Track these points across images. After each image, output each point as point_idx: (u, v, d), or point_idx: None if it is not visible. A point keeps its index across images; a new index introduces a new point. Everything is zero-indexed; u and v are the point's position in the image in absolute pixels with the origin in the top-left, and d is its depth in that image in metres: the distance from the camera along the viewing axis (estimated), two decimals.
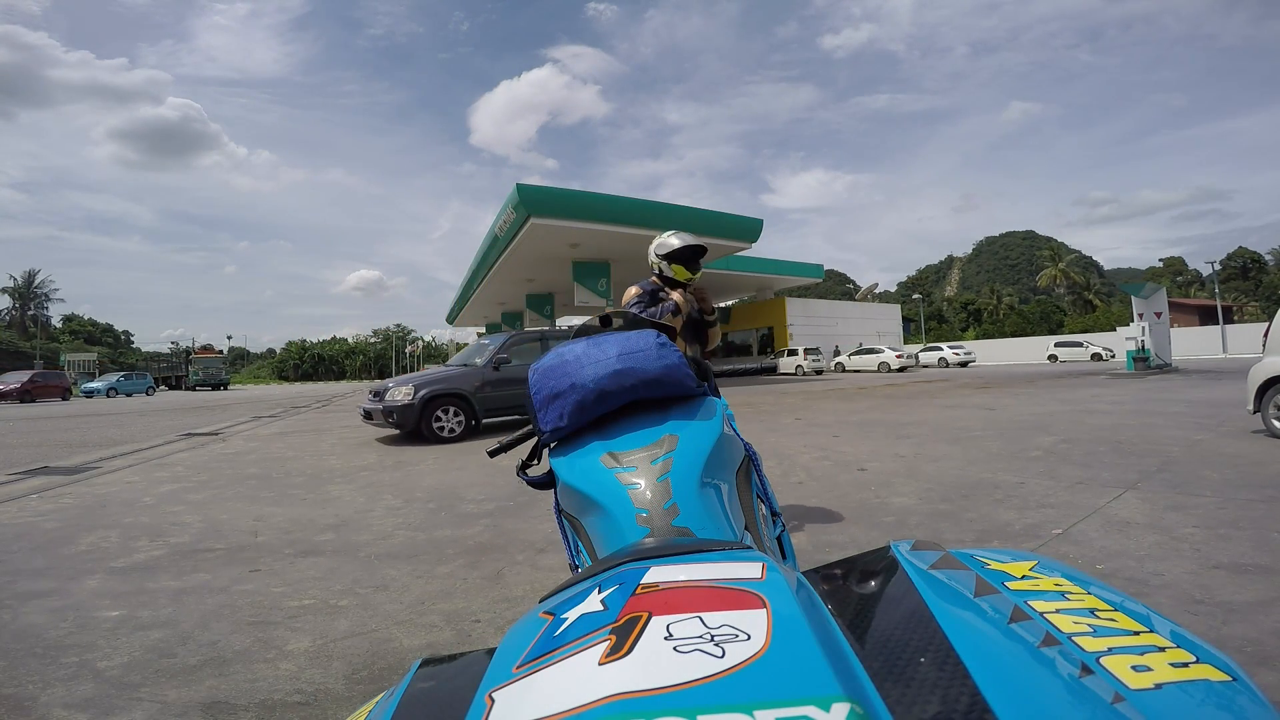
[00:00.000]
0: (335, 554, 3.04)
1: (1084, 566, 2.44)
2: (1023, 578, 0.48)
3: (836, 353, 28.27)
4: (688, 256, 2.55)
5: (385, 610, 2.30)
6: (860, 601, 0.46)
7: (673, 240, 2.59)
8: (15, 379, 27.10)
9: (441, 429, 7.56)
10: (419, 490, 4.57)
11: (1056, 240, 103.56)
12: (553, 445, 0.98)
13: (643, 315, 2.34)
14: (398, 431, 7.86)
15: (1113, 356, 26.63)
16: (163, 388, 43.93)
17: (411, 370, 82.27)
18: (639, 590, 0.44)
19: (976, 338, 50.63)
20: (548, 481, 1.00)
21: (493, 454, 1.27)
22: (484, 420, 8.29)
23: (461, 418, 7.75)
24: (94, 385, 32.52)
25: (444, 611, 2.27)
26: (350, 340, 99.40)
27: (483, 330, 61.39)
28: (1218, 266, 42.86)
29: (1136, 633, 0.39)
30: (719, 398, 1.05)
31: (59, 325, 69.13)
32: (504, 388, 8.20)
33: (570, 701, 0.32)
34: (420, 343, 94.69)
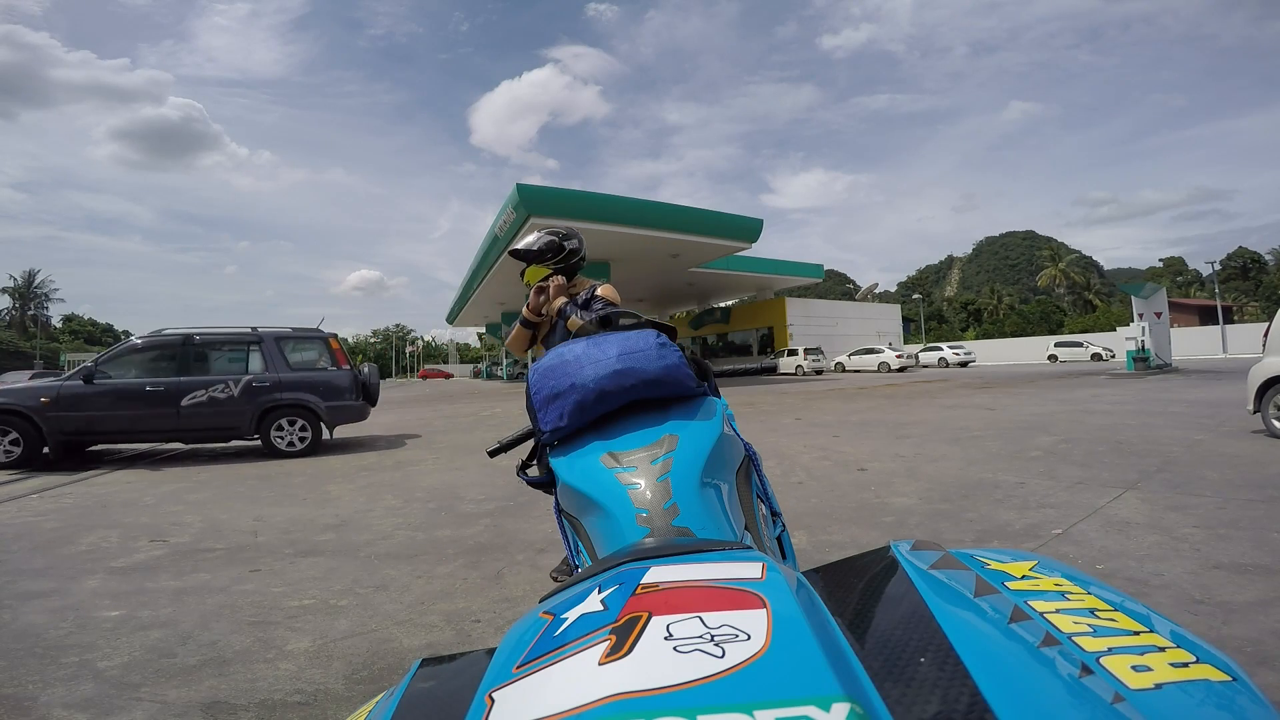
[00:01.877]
0: (335, 554, 3.04)
1: (1084, 566, 2.44)
2: (1023, 578, 0.48)
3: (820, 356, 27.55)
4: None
5: (385, 610, 2.30)
6: (860, 601, 0.46)
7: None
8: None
9: None
10: (419, 490, 4.57)
11: (1056, 240, 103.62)
12: (553, 445, 0.98)
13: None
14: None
15: (1113, 356, 26.62)
16: None
17: (411, 371, 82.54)
18: (639, 590, 0.44)
19: (976, 338, 50.66)
20: (548, 481, 1.00)
21: (493, 454, 1.27)
22: (77, 449, 6.77)
23: (19, 442, 6.11)
24: None
25: (444, 611, 2.27)
26: (350, 340, 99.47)
27: (483, 330, 61.39)
28: (1218, 266, 42.85)
29: (1136, 633, 0.39)
30: (719, 398, 1.05)
31: (59, 325, 69.19)
32: (101, 406, 6.33)
33: (570, 701, 0.32)
34: (420, 343, 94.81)
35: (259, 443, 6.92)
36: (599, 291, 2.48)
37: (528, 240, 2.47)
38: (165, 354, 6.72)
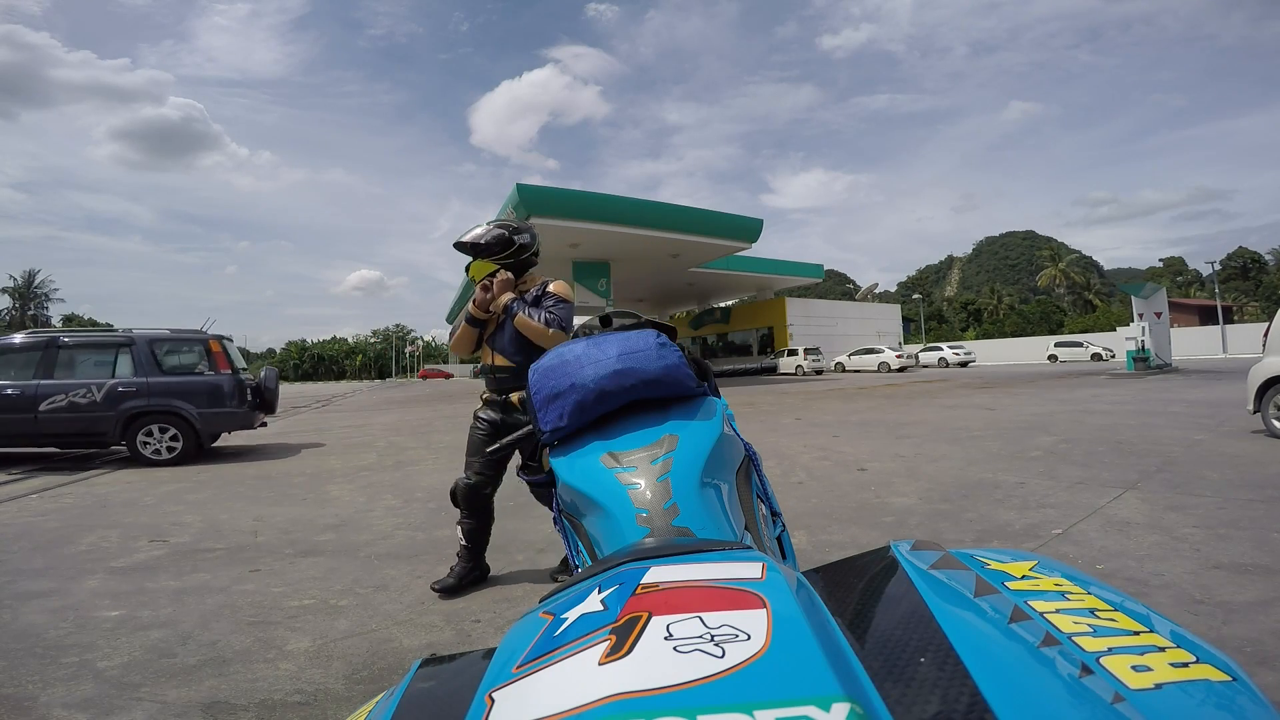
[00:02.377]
0: (335, 554, 3.03)
1: (1084, 566, 2.44)
2: (1023, 578, 0.48)
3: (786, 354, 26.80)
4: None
5: (385, 610, 2.30)
6: (860, 601, 0.46)
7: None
8: None
9: None
10: (419, 490, 4.57)
11: (1056, 240, 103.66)
12: (553, 445, 0.98)
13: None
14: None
15: (1113, 356, 26.61)
16: None
17: (411, 371, 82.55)
18: (639, 590, 0.44)
19: (976, 338, 50.65)
20: (548, 481, 1.00)
21: (492, 454, 1.27)
22: None
23: None
24: None
25: (444, 611, 2.27)
26: (350, 340, 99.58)
27: None
28: (1218, 266, 42.89)
29: (1136, 633, 0.39)
30: (719, 398, 1.05)
31: (59, 325, 69.22)
32: None
33: (570, 701, 0.32)
34: (420, 343, 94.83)
35: (125, 450, 6.54)
36: (551, 288, 2.34)
37: (475, 233, 2.33)
38: (29, 356, 6.43)
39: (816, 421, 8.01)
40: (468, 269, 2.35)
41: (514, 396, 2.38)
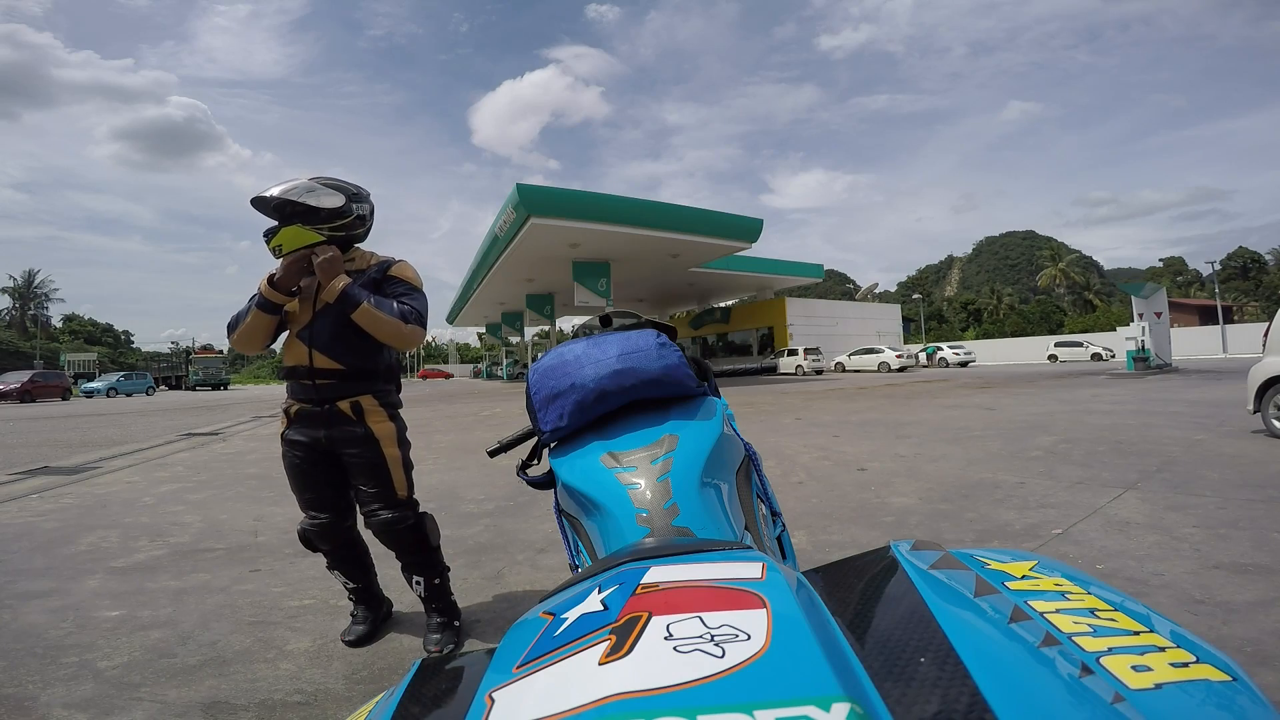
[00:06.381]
0: None
1: (1084, 566, 2.44)
2: (1023, 578, 0.48)
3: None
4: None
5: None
6: (860, 601, 0.46)
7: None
8: (15, 379, 27.07)
9: None
10: (418, 490, 4.56)
11: (1056, 240, 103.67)
12: (553, 445, 0.98)
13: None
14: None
15: (1113, 356, 26.63)
16: (163, 388, 43.84)
17: (411, 371, 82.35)
18: (639, 590, 0.44)
19: (976, 338, 50.63)
20: (548, 481, 1.00)
21: (492, 454, 1.26)
22: None
23: None
24: (94, 385, 32.46)
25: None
26: None
27: (483, 330, 61.31)
28: (1218, 266, 42.92)
29: (1136, 633, 0.39)
30: (719, 398, 1.05)
31: (59, 325, 69.19)
32: None
33: (570, 701, 0.32)
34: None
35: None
36: (396, 271, 1.91)
37: (286, 189, 1.73)
38: None
39: (816, 421, 8.00)
40: (269, 236, 1.77)
41: (344, 404, 1.87)
